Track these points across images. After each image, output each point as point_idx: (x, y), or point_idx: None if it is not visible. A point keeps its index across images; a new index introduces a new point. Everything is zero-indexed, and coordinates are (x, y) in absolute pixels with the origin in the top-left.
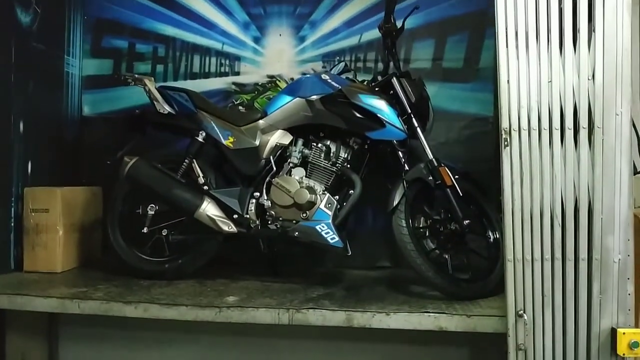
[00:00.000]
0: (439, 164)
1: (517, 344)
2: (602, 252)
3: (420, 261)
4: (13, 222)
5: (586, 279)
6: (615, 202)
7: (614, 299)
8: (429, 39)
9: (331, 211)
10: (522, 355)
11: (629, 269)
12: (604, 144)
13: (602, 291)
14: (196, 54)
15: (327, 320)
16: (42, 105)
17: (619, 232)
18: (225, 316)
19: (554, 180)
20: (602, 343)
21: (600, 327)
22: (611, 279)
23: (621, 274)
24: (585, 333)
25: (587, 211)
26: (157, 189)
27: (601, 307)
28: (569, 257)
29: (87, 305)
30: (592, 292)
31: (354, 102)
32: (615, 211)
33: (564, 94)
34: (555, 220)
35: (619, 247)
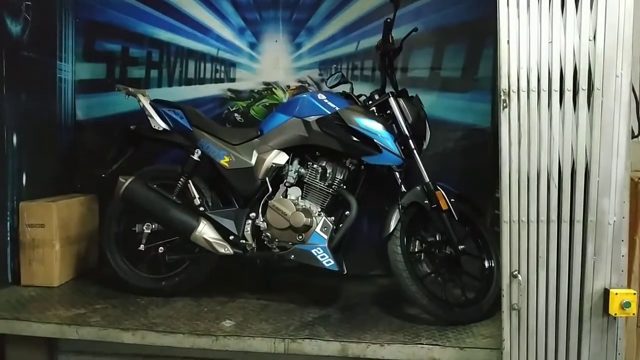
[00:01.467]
0: (435, 188)
1: (511, 303)
2: (597, 214)
3: (414, 289)
4: (9, 235)
5: (581, 241)
6: (612, 165)
7: (607, 260)
8: (427, 48)
9: (327, 235)
10: (515, 314)
11: (624, 231)
12: (603, 106)
13: (596, 253)
14: (191, 60)
15: (323, 350)
16: (35, 115)
17: (615, 194)
18: (222, 344)
19: (551, 143)
20: (595, 303)
21: (594, 288)
22: (606, 240)
23: (615, 236)
24: (579, 293)
25: (584, 173)
26: (153, 211)
27: (595, 268)
28: (564, 219)
29: (85, 332)
30: (586, 253)
31: (351, 126)
32: (611, 174)
33: (564, 55)
34: (551, 183)
35: (614, 209)
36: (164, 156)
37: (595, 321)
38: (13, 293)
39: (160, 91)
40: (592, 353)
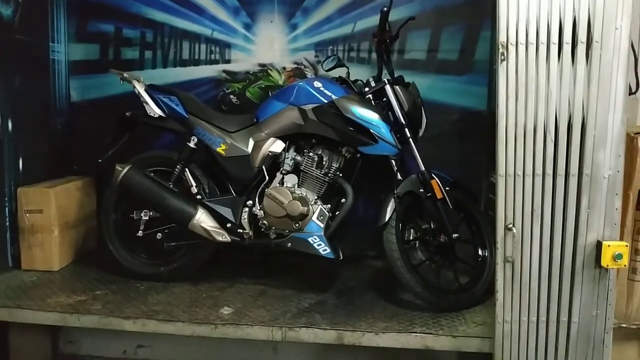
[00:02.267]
0: (430, 176)
1: (505, 256)
2: (592, 168)
3: (409, 277)
4: (8, 221)
5: (575, 194)
6: (609, 119)
7: (601, 213)
8: (424, 29)
9: (323, 223)
10: (509, 267)
11: (618, 184)
12: (602, 59)
13: (590, 206)
14: (185, 41)
15: (319, 337)
16: (30, 99)
17: (611, 148)
18: (221, 332)
19: (549, 96)
20: (588, 255)
21: (587, 241)
22: (600, 194)
23: (610, 190)
24: (572, 246)
25: (580, 127)
26: (150, 199)
27: (588, 221)
28: (559, 172)
29: (87, 319)
30: (580, 206)
31: (347, 116)
32: (608, 127)
33: (564, 7)
34: (548, 136)
35: (609, 163)
36: (160, 139)
37: (588, 273)
38: (14, 278)
39: (155, 72)
40: (583, 303)
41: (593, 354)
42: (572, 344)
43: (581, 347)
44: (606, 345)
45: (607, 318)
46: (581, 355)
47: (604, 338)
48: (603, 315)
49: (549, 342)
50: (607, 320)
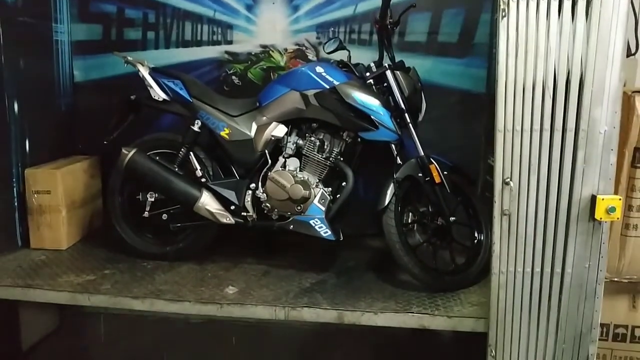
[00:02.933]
0: (429, 161)
1: (502, 209)
2: (589, 124)
3: (407, 259)
4: (16, 201)
5: (572, 149)
6: (606, 75)
7: (596, 168)
8: (425, 12)
9: (324, 206)
10: (506, 219)
11: (614, 140)
12: (601, 16)
13: (586, 161)
14: (188, 21)
15: (320, 317)
16: (34, 79)
17: (608, 104)
18: (227, 311)
19: (548, 52)
20: (582, 209)
21: (582, 194)
22: (596, 149)
23: (605, 145)
24: (567, 199)
25: (578, 83)
26: (156, 182)
27: (584, 175)
28: (556, 128)
29: (96, 299)
30: (576, 161)
31: (348, 101)
32: (605, 84)
33: None
34: (546, 92)
35: (605, 118)
36: (163, 119)
37: (582, 225)
38: (24, 257)
39: (158, 53)
40: (577, 255)
41: (585, 305)
42: (565, 295)
43: (573, 298)
44: (597, 296)
45: (599, 270)
46: (573, 305)
47: (596, 289)
48: (595, 267)
49: (543, 293)
50: (599, 272)
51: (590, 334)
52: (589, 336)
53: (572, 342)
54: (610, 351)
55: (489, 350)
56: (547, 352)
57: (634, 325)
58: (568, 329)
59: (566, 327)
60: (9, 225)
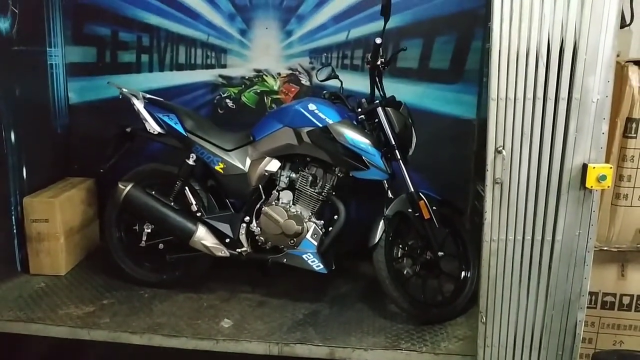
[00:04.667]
0: (419, 197)
1: (495, 177)
2: (582, 92)
3: (396, 294)
4: (15, 229)
5: (564, 118)
6: (600, 44)
7: (588, 136)
8: (416, 39)
9: (317, 241)
10: (498, 187)
11: (606, 109)
12: None
13: (578, 129)
14: (181, 45)
15: (313, 353)
16: (30, 106)
17: (601, 72)
18: (222, 347)
19: (542, 20)
20: (573, 177)
21: (573, 163)
22: (588, 118)
23: (598, 114)
24: (559, 168)
25: (572, 52)
26: (152, 217)
27: (576, 144)
28: (549, 96)
29: (97, 334)
30: (568, 130)
31: (340, 141)
32: (598, 52)
33: None
34: (540, 61)
35: (598, 87)
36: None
37: (573, 194)
38: (24, 285)
39: (152, 76)
40: (567, 223)
41: (574, 272)
42: (555, 262)
43: (563, 265)
44: (587, 263)
45: (589, 238)
46: (563, 272)
47: (585, 256)
48: (585, 235)
49: (533, 260)
50: (589, 240)
51: (579, 301)
52: (578, 303)
53: (561, 309)
54: (598, 319)
55: (480, 317)
56: (537, 318)
57: (622, 293)
58: (557, 296)
59: (555, 294)
60: (8, 252)
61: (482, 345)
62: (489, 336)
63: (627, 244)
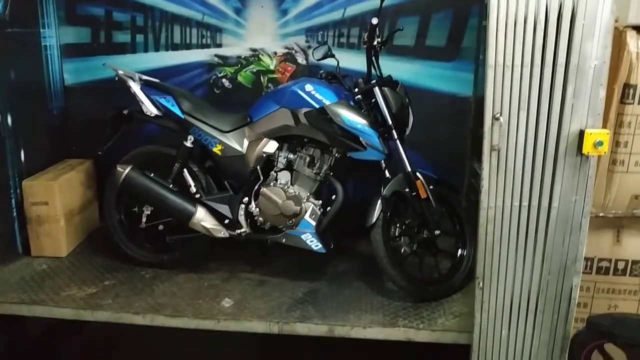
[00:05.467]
0: (415, 176)
1: (492, 145)
2: (579, 58)
3: (394, 273)
4: (15, 212)
5: (561, 84)
6: (598, 9)
7: (585, 102)
8: (413, 16)
9: (315, 221)
10: (495, 155)
11: (604, 75)
12: None
13: (575, 95)
14: (176, 25)
15: (312, 331)
16: (26, 89)
17: (599, 38)
18: (224, 325)
19: None
20: (570, 143)
21: (570, 129)
22: (585, 84)
23: (595, 80)
24: (556, 134)
25: (570, 17)
26: (152, 199)
27: (573, 110)
28: (547, 63)
29: (100, 315)
30: (566, 96)
31: (337, 122)
32: (596, 17)
33: None
34: (538, 27)
35: (596, 53)
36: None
37: (569, 160)
38: (26, 267)
39: (147, 56)
40: (563, 190)
41: (570, 238)
42: (551, 228)
43: (559, 231)
44: (583, 229)
45: (585, 204)
46: (559, 238)
47: (582, 222)
48: (582, 201)
49: (530, 226)
50: (585, 206)
51: (574, 266)
52: (574, 268)
53: (557, 274)
54: (593, 284)
55: (477, 283)
56: (533, 283)
57: (617, 258)
58: (553, 261)
59: (551, 259)
60: (9, 235)
61: (479, 309)
62: (485, 301)
63: (623, 209)
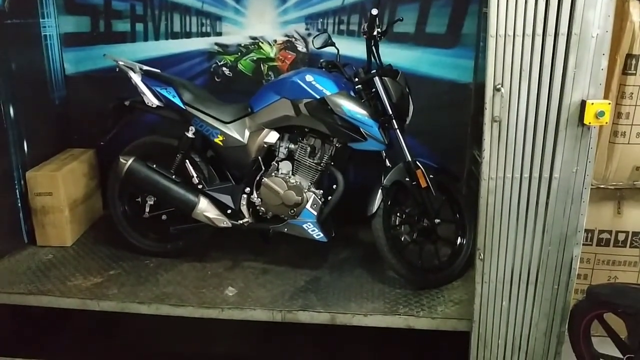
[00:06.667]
0: (416, 166)
1: (493, 116)
2: (582, 27)
3: (394, 261)
4: (20, 202)
5: (563, 54)
6: None
7: (587, 72)
8: (413, 3)
9: (316, 211)
10: (496, 126)
11: (606, 44)
12: None
13: (577, 65)
14: (176, 13)
15: (314, 319)
16: (27, 80)
17: (601, 7)
18: (227, 314)
19: None
20: (572, 114)
21: (572, 99)
22: (587, 53)
23: (597, 49)
24: (557, 105)
25: None
26: (155, 190)
27: (574, 80)
28: (549, 32)
29: (105, 305)
30: (567, 66)
31: (338, 113)
32: None
33: None
34: None
35: (598, 22)
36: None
37: (571, 130)
38: (32, 257)
39: (147, 45)
40: (564, 160)
41: (571, 208)
42: (552, 199)
43: (560, 202)
44: (584, 200)
45: (586, 174)
46: (560, 209)
47: (582, 193)
48: (583, 172)
49: (531, 197)
50: (586, 177)
51: (575, 237)
52: (574, 238)
53: (558, 244)
54: (594, 255)
55: (478, 254)
56: (534, 254)
57: (618, 230)
58: (554, 232)
59: (552, 230)
60: (14, 225)
61: (479, 281)
62: (486, 272)
63: (624, 181)
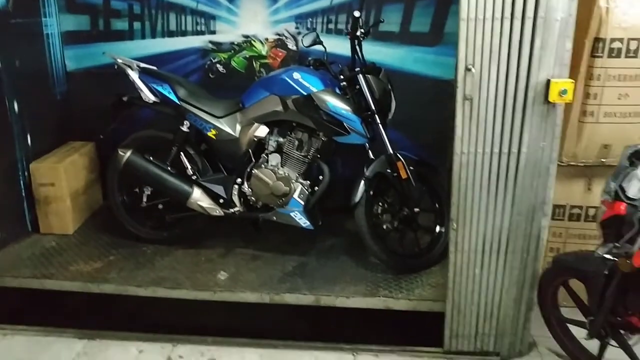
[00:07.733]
0: (397, 158)
1: (465, 94)
2: (547, 11)
3: (376, 248)
4: (24, 192)
5: (530, 36)
6: None
7: (552, 53)
8: (397, 3)
9: (303, 200)
10: (468, 104)
11: (570, 27)
12: None
13: (542, 46)
14: (172, 12)
15: (300, 300)
16: (30, 76)
17: None
18: (220, 296)
19: None
20: (538, 92)
21: (538, 79)
22: (552, 35)
23: (562, 32)
24: (524, 84)
25: None
26: (152, 181)
27: (540, 61)
28: (516, 16)
29: (106, 287)
30: (534, 47)
31: (323, 109)
32: None
33: None
34: None
35: (562, 6)
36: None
37: (537, 108)
38: (36, 243)
39: (145, 42)
40: (532, 136)
41: (539, 182)
42: (521, 173)
43: (528, 175)
44: (550, 174)
45: (552, 150)
46: (528, 182)
47: (549, 167)
48: (549, 147)
49: (501, 171)
50: (552, 152)
51: (542, 209)
52: (542, 210)
53: (526, 216)
54: (565, 230)
55: (451, 224)
56: (504, 224)
57: (588, 205)
58: (523, 204)
59: (521, 202)
60: (19, 214)
61: (453, 250)
62: (459, 242)
63: (593, 159)
